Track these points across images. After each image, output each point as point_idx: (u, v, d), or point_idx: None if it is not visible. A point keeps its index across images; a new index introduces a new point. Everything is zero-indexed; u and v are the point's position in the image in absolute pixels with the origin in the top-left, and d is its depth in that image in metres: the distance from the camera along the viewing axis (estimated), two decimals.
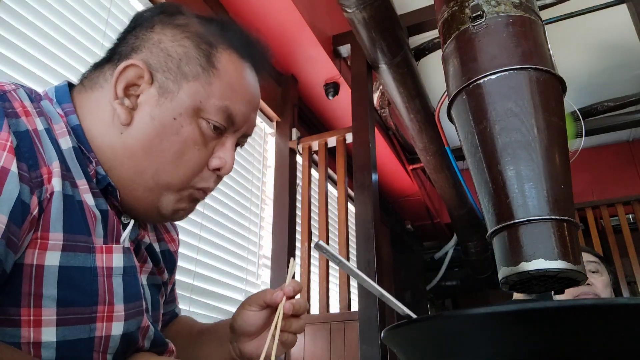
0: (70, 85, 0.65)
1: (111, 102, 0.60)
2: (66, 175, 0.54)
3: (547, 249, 0.69)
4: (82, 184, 0.56)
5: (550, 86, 0.79)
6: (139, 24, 0.65)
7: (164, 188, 0.61)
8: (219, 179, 0.66)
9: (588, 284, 1.47)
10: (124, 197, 0.61)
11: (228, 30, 0.66)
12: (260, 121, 2.40)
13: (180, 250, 1.62)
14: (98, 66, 0.65)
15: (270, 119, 2.45)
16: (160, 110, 0.60)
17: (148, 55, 0.62)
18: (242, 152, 2.17)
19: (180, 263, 1.63)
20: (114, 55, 0.63)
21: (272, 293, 0.67)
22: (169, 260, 0.74)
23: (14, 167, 0.47)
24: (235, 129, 0.65)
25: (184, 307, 1.60)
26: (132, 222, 0.62)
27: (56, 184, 0.52)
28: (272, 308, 0.68)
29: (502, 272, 0.74)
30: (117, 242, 0.58)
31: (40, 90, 0.62)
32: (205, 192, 0.66)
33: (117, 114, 0.59)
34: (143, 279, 0.66)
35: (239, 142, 0.68)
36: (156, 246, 0.71)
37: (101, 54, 0.68)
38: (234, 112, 0.63)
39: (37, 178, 0.50)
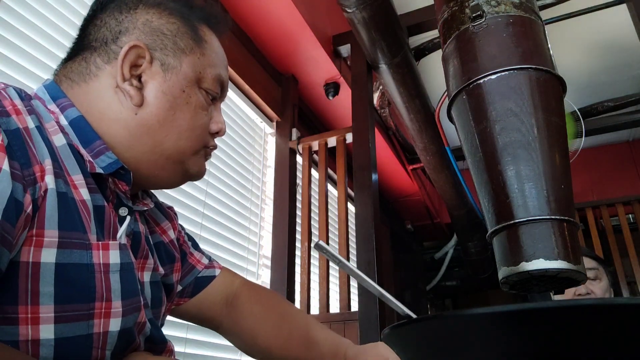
0: None
1: (115, 86, 0.62)
2: (59, 172, 0.54)
3: (547, 249, 0.69)
4: (78, 179, 0.56)
5: (550, 86, 0.79)
6: (107, 7, 0.66)
7: (185, 152, 0.66)
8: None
9: (587, 293, 1.48)
10: (144, 173, 0.64)
11: (193, 5, 0.71)
12: (260, 121, 2.40)
13: None
14: (74, 58, 0.65)
15: (270, 119, 2.45)
16: (169, 85, 0.64)
17: (141, 36, 0.64)
18: (242, 152, 2.17)
19: None
20: (92, 43, 0.64)
21: None
22: (165, 252, 0.75)
23: (5, 166, 0.47)
24: (222, 95, 0.73)
25: None
26: (128, 218, 0.62)
27: (49, 181, 0.51)
28: None
29: (502, 272, 0.74)
30: (114, 238, 0.58)
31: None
32: (213, 149, 0.73)
33: (127, 95, 0.62)
34: (146, 276, 0.66)
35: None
36: (150, 238, 0.71)
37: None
38: (223, 79, 0.71)
39: (29, 176, 0.50)
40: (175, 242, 0.79)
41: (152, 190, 0.78)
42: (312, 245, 1.14)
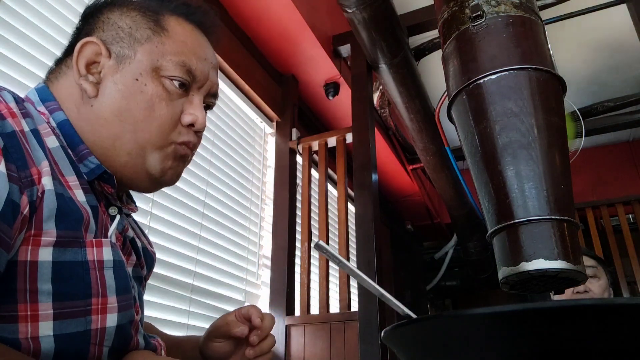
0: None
1: (76, 82, 0.64)
2: (56, 173, 0.55)
3: (547, 249, 0.69)
4: (72, 180, 0.57)
5: (550, 86, 0.79)
6: (86, 16, 0.69)
7: (145, 147, 0.63)
8: (197, 136, 0.69)
9: (586, 291, 1.49)
10: (113, 170, 0.63)
11: (169, 1, 0.70)
12: (260, 121, 2.40)
13: (180, 250, 1.63)
14: (60, 61, 0.69)
15: (270, 119, 2.45)
16: (121, 74, 0.63)
17: (101, 33, 0.66)
18: (242, 152, 2.17)
19: (180, 263, 1.63)
20: (71, 47, 0.68)
21: (237, 326, 0.70)
22: (149, 258, 0.76)
23: (2, 168, 0.48)
24: (198, 86, 0.68)
25: (184, 307, 1.60)
26: (117, 216, 0.64)
27: (47, 182, 0.53)
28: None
29: (502, 272, 0.74)
30: (105, 236, 0.60)
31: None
32: (188, 146, 0.67)
33: (84, 90, 0.63)
34: (129, 272, 0.67)
35: (208, 103, 0.72)
36: (138, 241, 0.72)
37: None
38: (192, 66, 0.66)
39: (26, 178, 0.51)
40: (154, 257, 0.80)
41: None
42: (312, 245, 1.14)
